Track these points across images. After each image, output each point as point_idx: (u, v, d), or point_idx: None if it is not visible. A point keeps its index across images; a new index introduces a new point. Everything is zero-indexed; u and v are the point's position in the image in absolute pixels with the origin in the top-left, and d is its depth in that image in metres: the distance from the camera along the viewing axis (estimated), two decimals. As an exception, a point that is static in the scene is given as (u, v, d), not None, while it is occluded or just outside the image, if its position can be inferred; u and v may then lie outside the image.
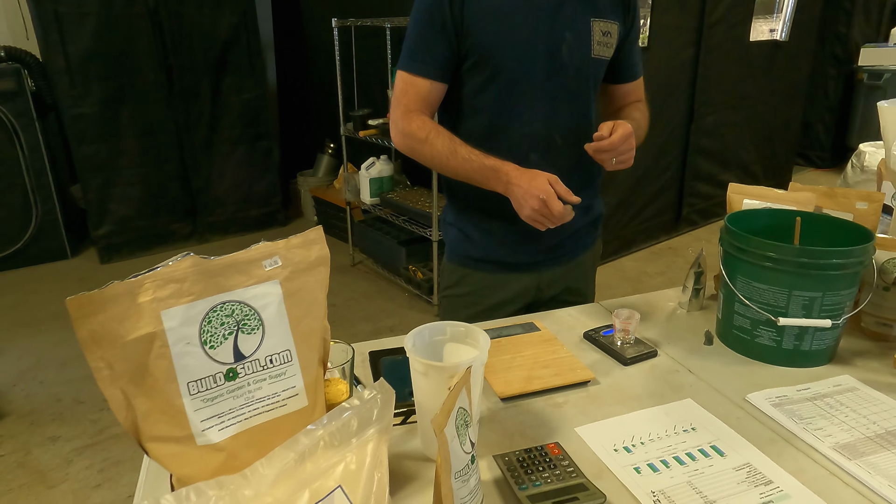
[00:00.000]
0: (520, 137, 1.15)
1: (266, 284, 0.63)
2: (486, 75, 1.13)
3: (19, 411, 2.25)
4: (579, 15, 1.13)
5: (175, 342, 0.58)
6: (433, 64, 1.12)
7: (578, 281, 1.35)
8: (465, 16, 1.09)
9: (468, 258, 1.28)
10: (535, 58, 1.12)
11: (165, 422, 0.59)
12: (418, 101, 1.13)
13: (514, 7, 1.11)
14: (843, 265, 0.94)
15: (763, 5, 3.89)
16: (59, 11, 3.26)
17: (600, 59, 1.17)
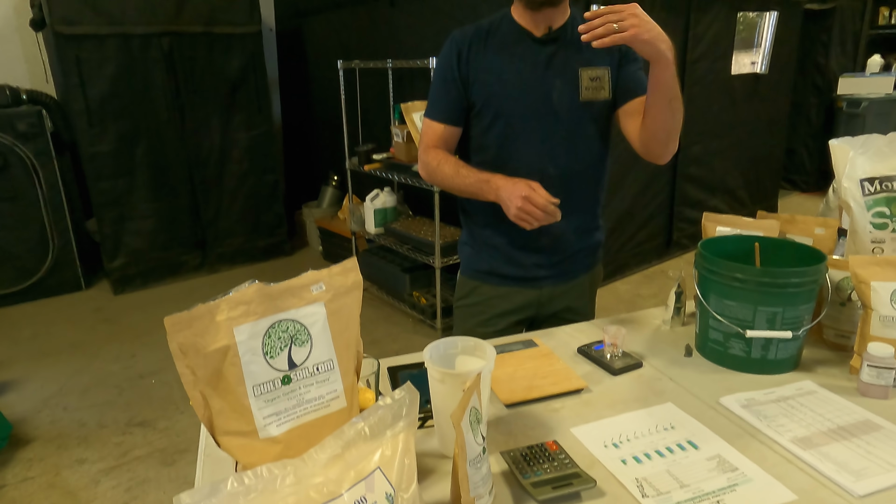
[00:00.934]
0: (518, 168, 1.32)
1: (314, 305, 0.78)
2: (489, 119, 1.33)
3: (46, 436, 2.35)
4: (568, 65, 1.31)
5: (244, 353, 0.72)
6: (446, 111, 1.36)
7: (578, 300, 1.49)
8: (470, 71, 1.32)
9: (478, 272, 1.47)
10: (529, 103, 1.31)
11: (235, 419, 0.73)
12: (436, 139, 1.38)
13: (510, 62, 1.31)
14: (800, 283, 1.09)
15: (743, 40, 4.12)
16: (81, 57, 3.46)
17: (591, 101, 1.32)
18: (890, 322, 1.07)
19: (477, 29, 1.34)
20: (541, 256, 1.41)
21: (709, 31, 3.78)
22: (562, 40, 1.31)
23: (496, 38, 1.33)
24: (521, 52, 1.31)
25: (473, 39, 1.33)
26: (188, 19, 3.73)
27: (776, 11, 4.17)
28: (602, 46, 1.10)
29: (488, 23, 1.35)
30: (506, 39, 1.32)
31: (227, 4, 3.84)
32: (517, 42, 1.32)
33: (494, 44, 1.32)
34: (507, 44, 1.32)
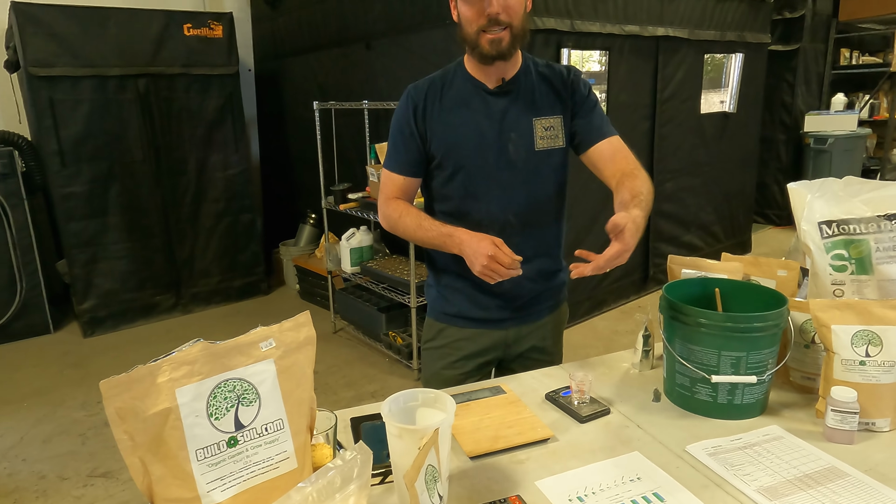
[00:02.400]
0: (480, 219, 1.35)
1: (263, 363, 0.76)
2: (449, 171, 1.36)
3: (2, 490, 2.25)
4: (522, 116, 1.34)
5: (187, 415, 0.70)
6: (405, 163, 1.38)
7: (544, 340, 1.50)
8: (428, 126, 1.34)
9: (444, 314, 1.47)
10: (486, 156, 1.33)
11: (177, 485, 0.70)
12: (396, 191, 1.39)
13: (467, 116, 1.33)
14: (762, 328, 1.09)
15: (711, 81, 4.25)
16: (55, 98, 3.45)
17: (546, 150, 1.35)
18: (852, 366, 1.07)
19: (431, 83, 1.36)
20: (504, 299, 1.42)
21: (677, 72, 3.90)
22: (515, 91, 1.34)
23: (451, 92, 1.35)
24: (477, 106, 1.33)
25: (429, 94, 1.34)
26: (166, 61, 3.75)
27: (742, 53, 4.32)
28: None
29: (442, 76, 1.37)
30: (461, 93, 1.34)
31: (205, 47, 3.88)
32: (472, 95, 1.34)
33: (450, 98, 1.34)
34: (463, 98, 1.34)
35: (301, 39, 4.23)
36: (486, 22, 1.21)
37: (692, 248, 4.43)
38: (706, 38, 4.01)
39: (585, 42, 3.29)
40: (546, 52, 3.12)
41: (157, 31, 3.69)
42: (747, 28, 4.36)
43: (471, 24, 1.24)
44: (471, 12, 1.24)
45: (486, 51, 1.25)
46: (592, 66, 3.41)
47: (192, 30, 3.83)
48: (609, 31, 3.35)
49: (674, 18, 3.76)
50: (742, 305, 1.23)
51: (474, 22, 1.23)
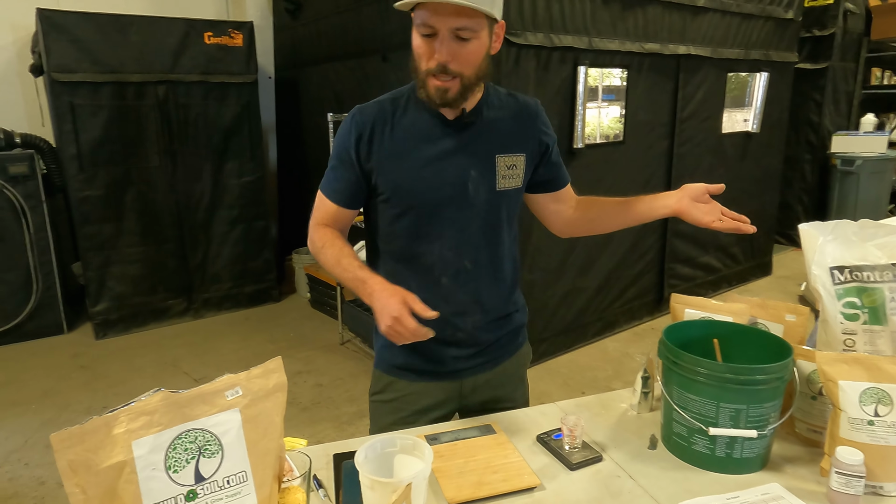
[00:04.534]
0: (432, 263, 1.22)
1: (227, 413, 0.73)
2: (397, 210, 1.21)
3: (2, 494, 2.26)
4: (484, 153, 1.21)
5: (143, 468, 0.67)
6: (341, 192, 1.23)
7: (505, 387, 1.37)
8: (373, 158, 1.18)
9: (392, 366, 1.32)
10: (443, 195, 1.19)
11: None
12: (327, 218, 1.25)
13: (422, 150, 1.18)
14: (764, 381, 1.03)
15: (734, 99, 4.16)
16: (75, 103, 3.50)
17: (506, 190, 1.23)
18: (859, 425, 1.01)
19: (380, 108, 1.20)
20: (459, 349, 1.29)
21: (698, 91, 3.82)
22: (477, 124, 1.21)
23: (404, 121, 1.19)
24: (433, 139, 1.19)
25: (377, 122, 1.18)
26: (185, 68, 3.79)
27: (766, 72, 4.22)
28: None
29: (393, 100, 1.21)
30: (415, 123, 1.19)
31: (224, 55, 3.91)
32: (428, 126, 1.19)
33: (402, 128, 1.19)
34: (417, 129, 1.19)
35: (320, 49, 4.24)
36: (435, 67, 1.08)
37: (709, 269, 4.34)
38: (729, 56, 3.93)
39: (603, 60, 3.23)
40: (562, 69, 3.08)
41: (177, 39, 3.73)
42: (773, 47, 4.27)
43: (420, 61, 1.11)
44: (421, 49, 1.10)
45: (431, 97, 1.12)
46: (613, 81, 3.36)
47: (213, 38, 3.86)
48: (628, 49, 3.29)
49: (696, 36, 3.69)
50: (745, 352, 1.17)
51: (424, 61, 1.10)
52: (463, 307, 1.25)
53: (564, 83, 3.12)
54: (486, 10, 1.06)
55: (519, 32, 2.83)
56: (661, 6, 3.44)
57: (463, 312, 1.26)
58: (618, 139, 3.46)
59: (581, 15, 3.08)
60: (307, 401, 2.94)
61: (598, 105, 3.31)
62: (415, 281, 1.21)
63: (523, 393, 1.44)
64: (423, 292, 1.19)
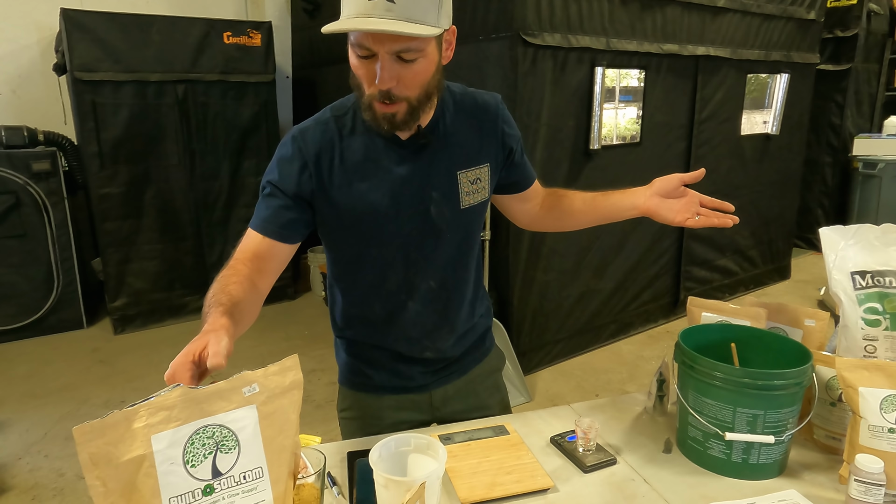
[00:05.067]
0: (397, 289, 1.15)
1: (244, 409, 0.74)
2: (353, 245, 1.13)
3: (23, 485, 2.31)
4: (445, 172, 1.10)
5: (161, 462, 0.68)
6: (272, 223, 1.04)
7: (478, 395, 1.32)
8: (323, 196, 1.06)
9: (356, 382, 1.27)
10: (403, 224, 1.09)
11: None
12: (247, 252, 1.04)
13: (376, 178, 1.07)
14: (782, 386, 1.02)
15: (754, 101, 4.11)
16: (97, 102, 3.56)
17: (472, 206, 1.14)
18: (880, 433, 1.00)
19: (325, 132, 1.05)
20: (426, 365, 1.24)
21: (717, 92, 3.78)
22: (434, 141, 1.08)
23: (353, 145, 1.06)
24: (386, 164, 1.06)
25: (323, 149, 1.05)
26: (204, 68, 3.84)
27: (787, 74, 4.17)
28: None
29: (337, 119, 1.07)
30: (367, 149, 1.06)
31: (243, 55, 3.95)
32: (379, 150, 1.06)
33: (352, 155, 1.06)
34: (367, 153, 1.06)
35: (337, 49, 4.26)
36: (378, 93, 0.95)
37: (727, 272, 4.29)
38: (749, 57, 3.88)
39: (621, 61, 3.21)
40: (579, 70, 3.06)
41: (197, 39, 3.78)
42: (794, 48, 4.21)
43: (361, 84, 0.97)
44: (361, 71, 0.96)
45: (376, 122, 0.99)
46: (631, 82, 3.33)
47: (232, 38, 3.90)
48: (646, 50, 3.27)
49: (715, 37, 3.65)
50: (763, 357, 1.16)
51: (365, 84, 0.96)
52: (431, 327, 1.20)
53: (581, 84, 3.10)
54: (427, 34, 0.89)
55: (536, 33, 2.82)
56: (681, 7, 3.41)
57: (431, 331, 1.20)
58: (634, 141, 3.44)
59: (599, 15, 3.06)
60: (321, 398, 2.96)
61: (614, 106, 3.29)
62: (379, 306, 1.17)
63: (500, 400, 1.37)
64: (390, 317, 1.19)
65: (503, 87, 2.88)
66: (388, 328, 1.19)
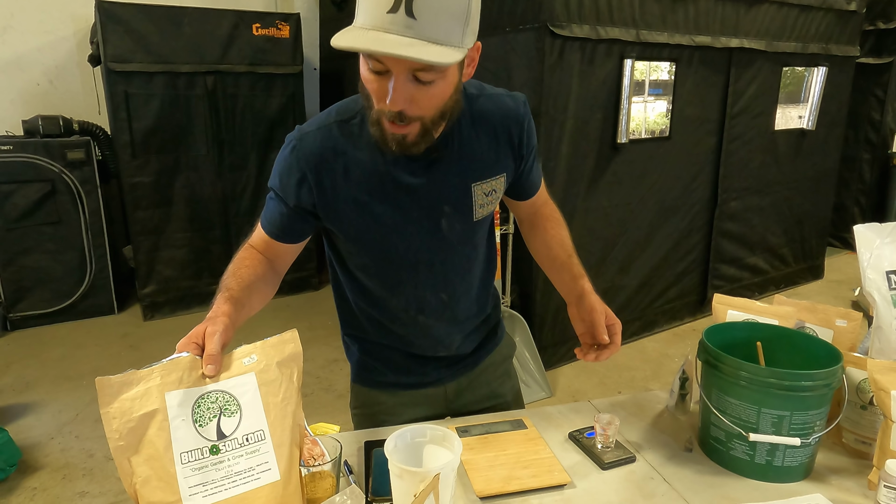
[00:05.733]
0: (406, 305, 1.13)
1: (244, 376, 0.78)
2: (362, 259, 1.09)
3: (54, 464, 2.39)
4: (459, 184, 1.03)
5: (174, 417, 0.73)
6: (275, 225, 1.05)
7: (490, 385, 1.32)
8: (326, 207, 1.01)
9: (369, 380, 1.26)
10: (411, 241, 1.05)
11: (161, 488, 0.71)
12: (260, 243, 1.08)
13: (382, 193, 1.01)
14: (810, 387, 0.99)
15: (789, 95, 3.99)
16: (130, 93, 3.63)
17: (485, 218, 1.10)
18: (912, 438, 0.96)
19: (327, 139, 0.98)
20: (439, 362, 1.24)
21: (750, 86, 3.69)
22: (447, 155, 1.01)
23: (357, 156, 0.99)
24: (395, 177, 0.99)
25: (325, 160, 0.98)
26: (234, 59, 3.88)
27: (825, 67, 4.04)
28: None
29: (341, 125, 0.99)
30: (371, 158, 0.99)
31: (272, 46, 3.98)
32: (388, 163, 0.99)
33: (357, 166, 0.99)
34: (375, 165, 0.99)
35: (364, 41, 4.28)
36: (388, 113, 0.87)
37: (757, 270, 4.19)
38: (785, 50, 3.77)
39: (651, 53, 3.15)
40: (608, 62, 3.01)
41: (227, 31, 3.82)
42: (833, 40, 4.07)
43: (372, 98, 0.89)
44: (373, 86, 0.87)
45: (385, 143, 0.92)
46: (661, 75, 3.27)
47: (261, 29, 3.94)
48: (677, 42, 3.20)
49: (750, 29, 3.55)
50: (791, 357, 1.13)
51: (377, 99, 0.88)
52: (443, 336, 1.19)
53: (609, 76, 3.05)
54: (448, 61, 0.81)
55: (564, 24, 2.78)
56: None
57: (444, 338, 1.20)
58: (663, 135, 3.37)
59: (629, 6, 3.00)
60: (342, 388, 2.99)
61: (643, 99, 3.23)
62: (387, 320, 1.16)
63: (512, 387, 1.36)
64: (399, 330, 1.17)
65: (529, 79, 2.85)
66: (397, 335, 1.19)
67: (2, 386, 3.04)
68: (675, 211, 3.53)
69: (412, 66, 0.83)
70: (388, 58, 0.81)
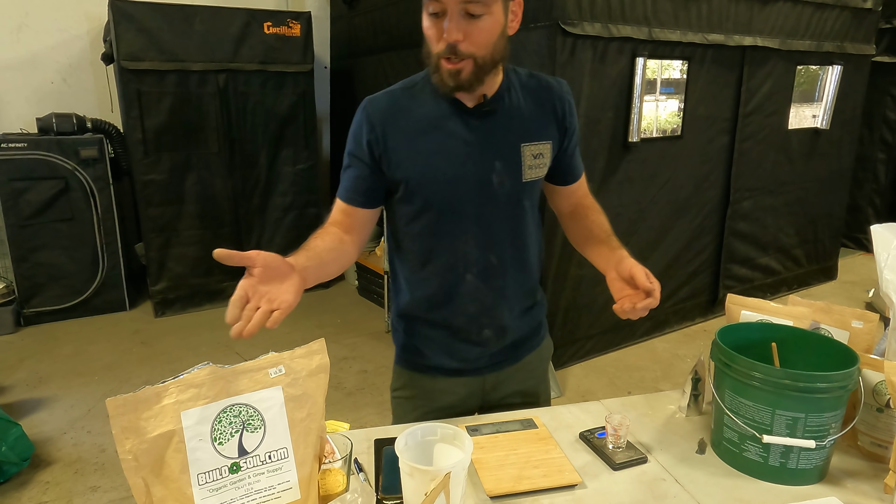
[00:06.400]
0: (455, 261, 1.17)
1: (270, 390, 0.75)
2: (416, 207, 1.15)
3: (66, 458, 2.41)
4: (509, 142, 1.13)
5: (190, 438, 0.70)
6: (352, 190, 1.15)
7: (527, 382, 1.34)
8: (387, 153, 1.11)
9: (412, 362, 1.29)
10: (464, 189, 1.12)
11: None
12: (338, 215, 1.16)
13: (440, 141, 1.11)
14: (825, 389, 0.98)
15: (803, 93, 3.95)
16: (142, 90, 3.66)
17: (533, 181, 1.17)
18: (930, 441, 0.95)
19: (393, 98, 1.13)
20: (484, 348, 1.25)
21: (764, 84, 3.65)
22: (499, 111, 1.13)
23: (419, 112, 1.11)
24: (452, 129, 1.10)
25: (389, 113, 1.11)
26: (245, 58, 3.89)
27: (840, 65, 3.99)
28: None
29: (406, 88, 1.14)
30: (432, 112, 1.11)
31: (283, 45, 3.99)
32: (446, 115, 1.11)
33: (417, 118, 1.11)
34: (434, 118, 1.11)
35: (375, 39, 4.28)
36: (445, 48, 1.01)
37: (769, 271, 4.15)
38: (800, 48, 3.73)
39: (663, 51, 3.13)
40: (619, 60, 2.99)
41: (238, 29, 3.83)
42: (848, 38, 4.02)
43: (431, 44, 1.04)
44: (431, 31, 1.03)
45: (443, 81, 1.04)
46: (673, 74, 3.24)
47: (272, 28, 3.95)
48: (690, 41, 3.17)
49: (763, 27, 3.51)
50: (806, 359, 1.11)
51: (434, 43, 1.03)
52: (490, 304, 1.20)
53: (621, 75, 3.03)
54: None
55: (575, 22, 2.77)
56: (728, -5, 3.30)
57: (490, 309, 1.21)
58: (675, 134, 3.35)
59: (641, 4, 2.98)
60: (352, 386, 2.99)
61: (655, 98, 3.20)
62: (438, 280, 1.19)
63: (545, 389, 1.40)
64: (449, 292, 1.20)
65: (540, 77, 2.83)
66: (445, 303, 1.20)
67: (16, 381, 3.07)
68: (686, 210, 3.50)
69: (463, 0, 0.98)
70: None
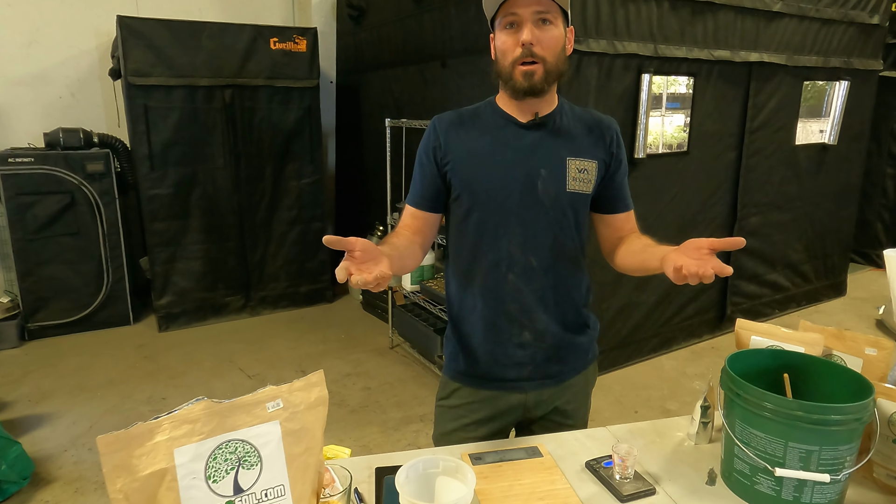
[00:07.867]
0: (498, 260, 1.26)
1: (267, 425, 0.73)
2: (466, 206, 1.27)
3: (67, 477, 2.38)
4: (555, 154, 1.25)
5: (183, 476, 0.67)
6: (419, 196, 1.30)
7: (569, 403, 1.37)
8: (448, 155, 1.26)
9: (458, 373, 1.36)
10: (510, 192, 1.24)
11: None
12: (407, 220, 1.31)
13: (493, 146, 1.25)
14: (840, 421, 0.95)
15: (810, 109, 3.93)
16: (149, 106, 3.68)
17: (577, 193, 1.26)
18: (950, 477, 0.91)
19: (457, 115, 1.31)
20: (525, 354, 1.30)
21: (770, 100, 3.63)
22: (549, 127, 1.26)
23: (478, 122, 1.28)
24: (505, 137, 1.25)
25: (452, 124, 1.28)
26: (251, 73, 3.92)
27: (847, 81, 3.97)
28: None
29: (470, 110, 1.32)
30: (488, 123, 1.28)
31: (289, 60, 4.01)
32: (501, 126, 1.26)
33: (476, 127, 1.28)
34: (490, 128, 1.27)
35: (381, 55, 4.29)
36: (521, 52, 1.16)
37: (777, 287, 4.11)
38: (806, 64, 3.71)
39: (669, 67, 3.12)
40: (625, 77, 2.99)
41: (245, 45, 3.86)
42: (855, 54, 4.01)
43: (506, 55, 1.19)
44: (507, 43, 1.19)
45: (518, 83, 1.18)
46: (679, 89, 3.23)
47: (278, 44, 3.97)
48: (696, 57, 3.16)
49: (770, 43, 3.50)
50: (819, 387, 1.09)
51: (510, 53, 1.18)
52: (529, 305, 1.27)
53: (627, 91, 3.02)
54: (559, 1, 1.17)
55: (581, 39, 2.76)
56: (734, 12, 3.29)
57: (530, 312, 1.27)
58: (682, 149, 3.33)
59: (647, 21, 2.98)
60: (355, 403, 2.97)
61: (661, 114, 3.19)
62: (482, 277, 1.28)
63: (584, 415, 1.42)
64: (491, 289, 1.27)
65: (546, 93, 2.82)
66: (489, 302, 1.28)
67: (18, 396, 3.06)
68: (693, 227, 3.48)
69: (537, 9, 1.15)
70: (520, 4, 1.15)
